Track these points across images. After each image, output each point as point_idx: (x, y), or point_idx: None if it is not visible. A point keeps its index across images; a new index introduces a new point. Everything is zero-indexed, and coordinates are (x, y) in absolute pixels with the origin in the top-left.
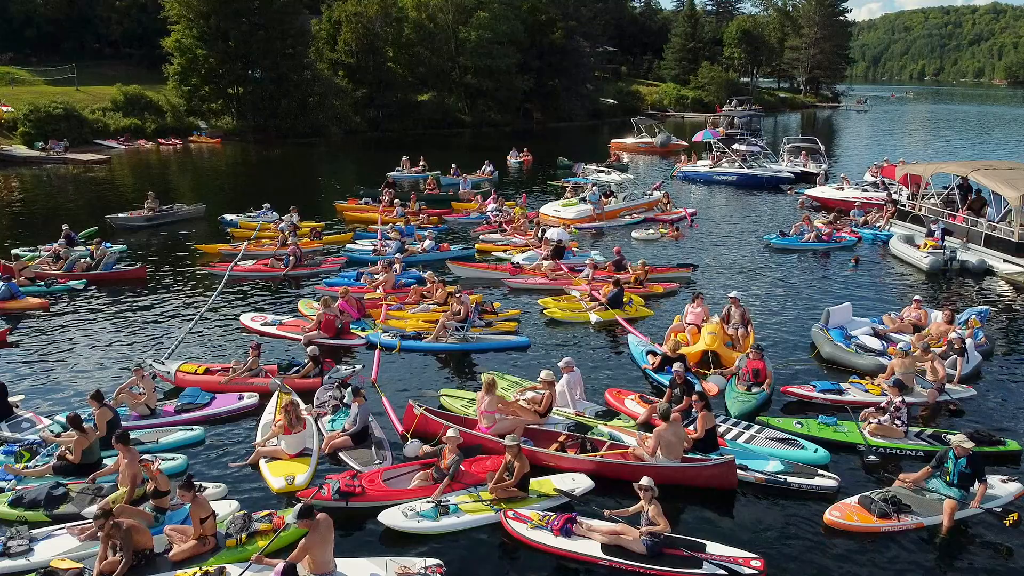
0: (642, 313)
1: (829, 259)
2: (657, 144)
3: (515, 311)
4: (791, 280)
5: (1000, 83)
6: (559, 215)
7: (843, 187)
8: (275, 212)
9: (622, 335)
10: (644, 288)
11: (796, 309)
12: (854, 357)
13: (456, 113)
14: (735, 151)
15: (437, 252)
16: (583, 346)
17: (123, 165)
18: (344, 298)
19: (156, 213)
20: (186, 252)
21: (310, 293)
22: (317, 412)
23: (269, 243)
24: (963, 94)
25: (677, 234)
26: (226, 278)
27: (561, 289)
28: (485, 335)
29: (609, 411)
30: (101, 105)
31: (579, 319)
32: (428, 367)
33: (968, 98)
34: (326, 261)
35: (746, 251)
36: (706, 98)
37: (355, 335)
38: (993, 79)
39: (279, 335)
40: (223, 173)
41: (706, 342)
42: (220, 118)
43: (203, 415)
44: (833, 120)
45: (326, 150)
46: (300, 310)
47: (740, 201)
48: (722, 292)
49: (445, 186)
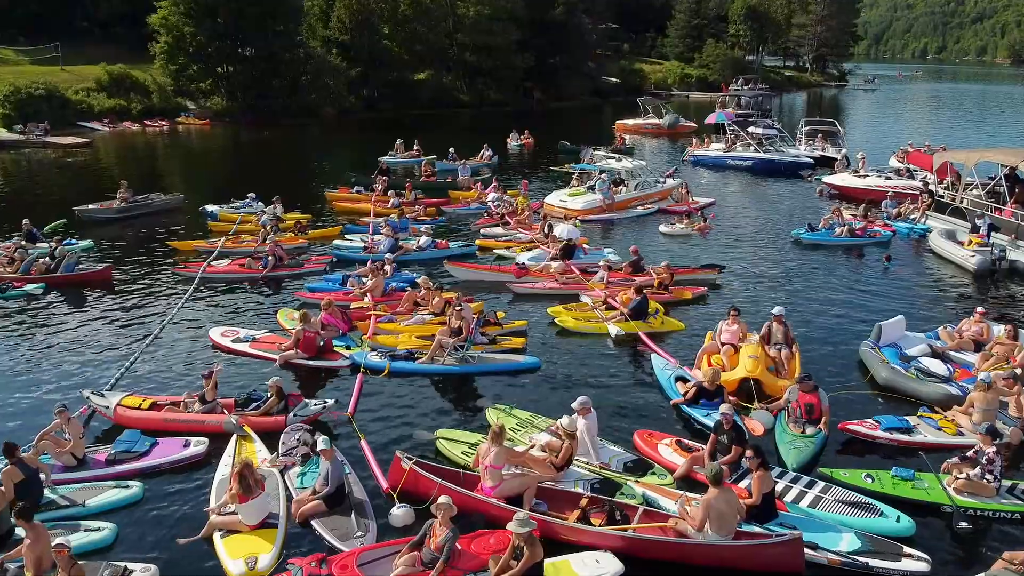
0: (669, 327)
1: (863, 257)
2: (665, 125)
3: (521, 322)
4: (826, 282)
5: (1003, 61)
6: (565, 206)
7: (863, 173)
8: (260, 203)
9: (644, 351)
10: (668, 294)
11: (836, 319)
12: (917, 384)
13: (454, 92)
14: (750, 134)
15: (434, 250)
16: (601, 368)
17: (106, 148)
18: (327, 310)
19: (129, 204)
20: (160, 248)
21: (292, 300)
22: (283, 462)
23: (249, 239)
24: (966, 72)
25: (705, 226)
26: (196, 281)
27: (574, 294)
28: (488, 354)
29: (640, 461)
30: (86, 85)
31: (594, 330)
32: (421, 396)
33: (973, 77)
34: (309, 260)
35: (772, 248)
36: (711, 77)
37: (338, 354)
38: (996, 58)
39: (252, 354)
40: (210, 157)
41: (747, 368)
42: (209, 98)
43: (142, 466)
44: (840, 100)
45: (319, 132)
46: (280, 322)
47: (757, 189)
48: (751, 296)
49: (441, 172)
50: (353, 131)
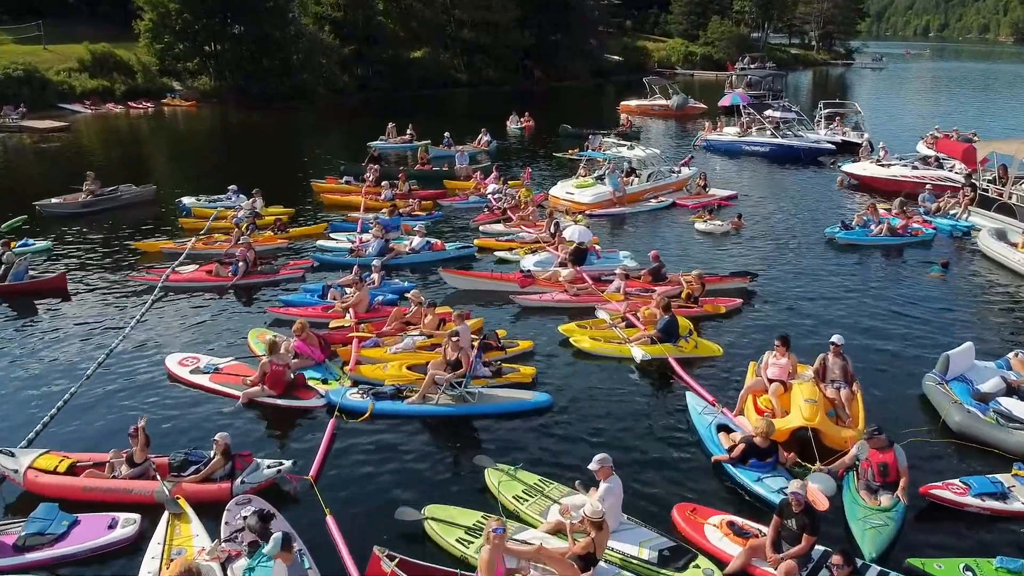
0: (704, 351)
1: (904, 259)
2: (673, 107)
3: (526, 343)
4: (869, 292)
5: (1006, 39)
6: (572, 199)
7: (886, 162)
8: (243, 196)
9: (676, 382)
10: (699, 308)
11: (888, 340)
12: (1000, 432)
13: (451, 71)
14: (767, 118)
15: (428, 252)
16: (624, 407)
17: (88, 132)
18: (301, 336)
19: (96, 197)
20: (127, 250)
21: (265, 316)
22: (224, 552)
23: (223, 239)
24: (969, 51)
25: (739, 223)
26: (157, 291)
27: (590, 307)
28: (491, 389)
29: (679, 548)
30: (68, 66)
31: (615, 353)
32: (408, 448)
33: (976, 55)
34: (286, 266)
35: (804, 249)
36: (716, 55)
37: (313, 391)
38: (999, 35)
39: (212, 389)
40: (195, 141)
41: (803, 415)
42: (196, 78)
43: (56, 555)
44: (847, 78)
45: (311, 114)
46: (250, 346)
47: (776, 177)
48: (786, 308)
49: (437, 159)
50: (346, 112)
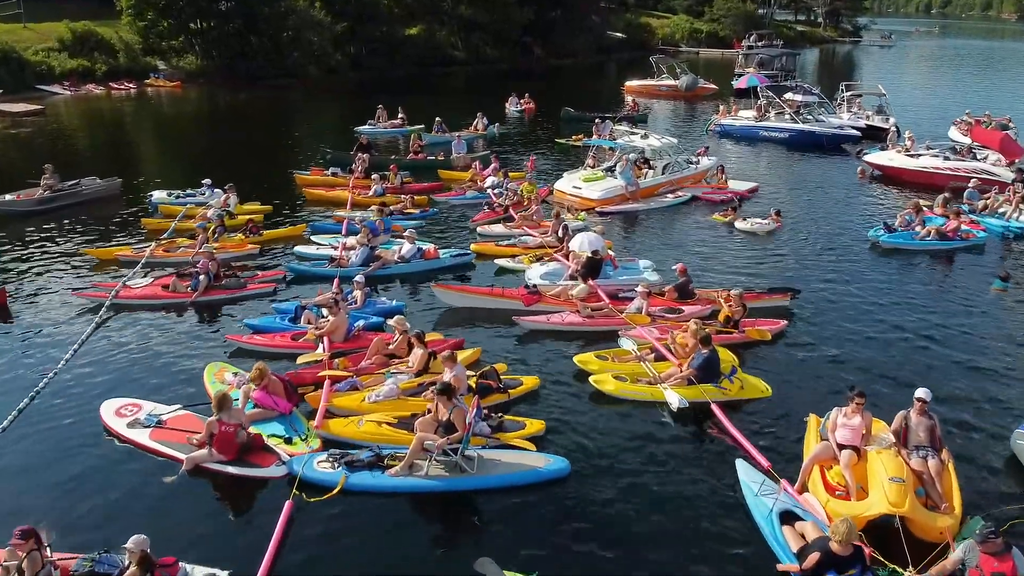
0: (751, 392)
1: (958, 268)
2: (681, 87)
3: (532, 380)
4: (925, 312)
5: (1009, 16)
6: (579, 194)
7: (915, 151)
8: (219, 191)
9: (719, 438)
10: (740, 334)
11: (959, 379)
12: None
13: (448, 49)
14: (787, 101)
15: (420, 261)
16: (659, 475)
17: (65, 115)
18: (261, 384)
19: (54, 193)
20: (82, 256)
21: (227, 346)
22: None
23: (188, 243)
24: (975, 28)
25: (779, 221)
26: (103, 312)
27: (609, 331)
28: (493, 451)
29: None
30: (48, 45)
31: (645, 396)
32: (386, 543)
33: (985, 33)
34: (255, 278)
35: (843, 254)
36: (721, 32)
37: (272, 455)
38: (1001, 12)
39: (151, 449)
40: (177, 125)
41: (889, 499)
42: (181, 57)
43: None
44: (855, 57)
45: (302, 94)
46: (206, 386)
47: (797, 168)
48: (833, 335)
49: (430, 146)
50: (338, 93)
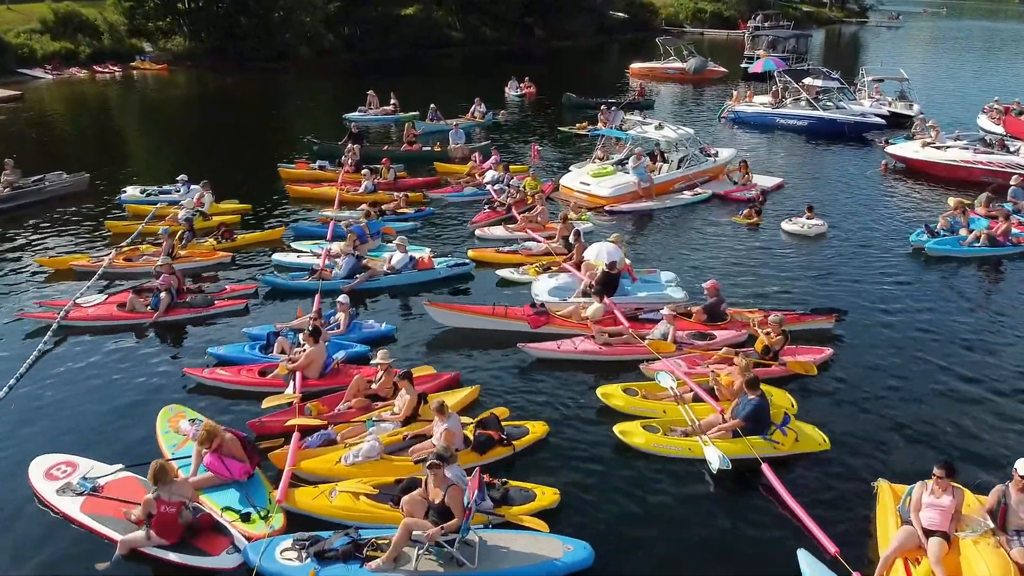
0: (806, 446)
1: (1011, 277)
2: (689, 71)
3: (540, 428)
4: (996, 336)
5: None
6: (588, 191)
7: (940, 142)
8: (196, 188)
9: (769, 506)
10: (781, 367)
11: None
12: None
13: (445, 29)
14: (806, 86)
15: (412, 272)
16: (700, 558)
17: (45, 101)
18: (213, 447)
19: (15, 191)
20: (37, 264)
21: (185, 381)
22: None
23: (153, 251)
24: (976, 9)
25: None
26: (49, 336)
27: (632, 361)
28: (496, 534)
29: None
30: (30, 26)
31: (682, 452)
32: None
33: (988, 14)
34: (222, 292)
35: (884, 262)
36: (726, 12)
37: (224, 538)
38: None
39: (84, 525)
40: (163, 111)
41: None
42: (169, 39)
43: None
44: (862, 38)
45: (293, 77)
46: (158, 438)
47: (819, 159)
48: (888, 367)
49: (427, 136)
50: (331, 75)
